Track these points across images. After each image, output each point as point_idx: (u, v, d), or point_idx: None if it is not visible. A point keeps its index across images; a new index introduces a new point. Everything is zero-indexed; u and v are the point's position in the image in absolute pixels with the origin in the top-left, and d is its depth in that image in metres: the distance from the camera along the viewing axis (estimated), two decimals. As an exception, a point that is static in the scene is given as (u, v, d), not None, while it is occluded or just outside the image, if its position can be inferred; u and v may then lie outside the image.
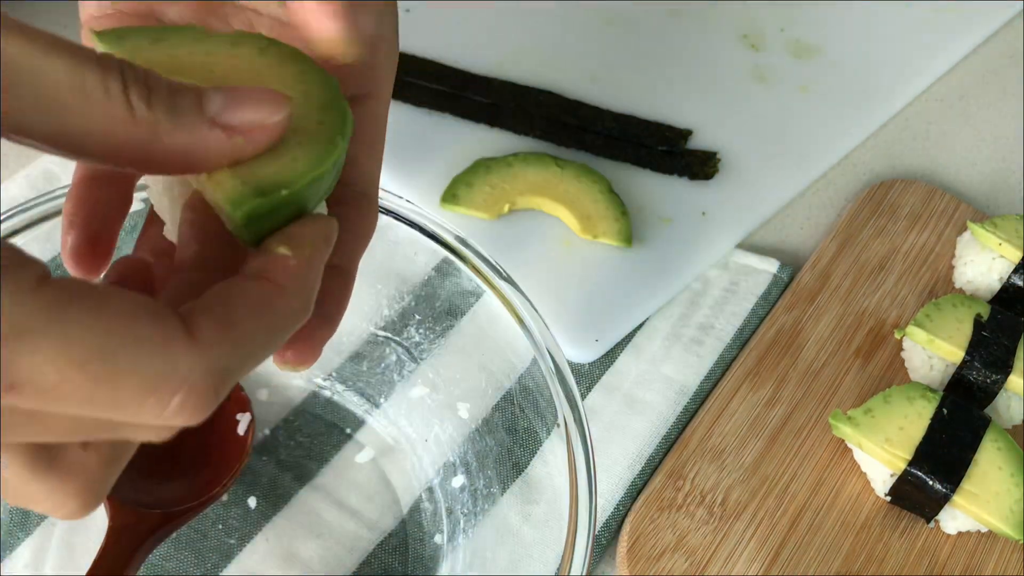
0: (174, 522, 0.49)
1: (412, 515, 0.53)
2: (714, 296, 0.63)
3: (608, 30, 0.75)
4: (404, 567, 0.52)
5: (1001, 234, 0.62)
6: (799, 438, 0.57)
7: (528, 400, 0.49)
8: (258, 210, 0.28)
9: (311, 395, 0.57)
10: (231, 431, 0.53)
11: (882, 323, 0.62)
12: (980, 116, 0.75)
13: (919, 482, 0.53)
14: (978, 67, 0.78)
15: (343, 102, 0.31)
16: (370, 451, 0.55)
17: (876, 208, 0.67)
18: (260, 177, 0.28)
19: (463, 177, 0.64)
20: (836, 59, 0.75)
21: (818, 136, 0.71)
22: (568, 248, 0.63)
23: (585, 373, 0.59)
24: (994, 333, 0.57)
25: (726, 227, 0.66)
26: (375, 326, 0.56)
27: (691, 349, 0.61)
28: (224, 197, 0.28)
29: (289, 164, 0.28)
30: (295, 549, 0.52)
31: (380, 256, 0.54)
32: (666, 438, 0.57)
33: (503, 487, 0.52)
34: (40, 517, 0.51)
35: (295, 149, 0.29)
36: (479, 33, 0.73)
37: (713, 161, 0.67)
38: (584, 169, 0.64)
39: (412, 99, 0.68)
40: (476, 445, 0.53)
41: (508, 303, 0.47)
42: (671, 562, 0.52)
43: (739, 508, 0.54)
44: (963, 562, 0.54)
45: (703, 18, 0.77)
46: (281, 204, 0.28)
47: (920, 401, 0.55)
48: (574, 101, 0.69)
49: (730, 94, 0.72)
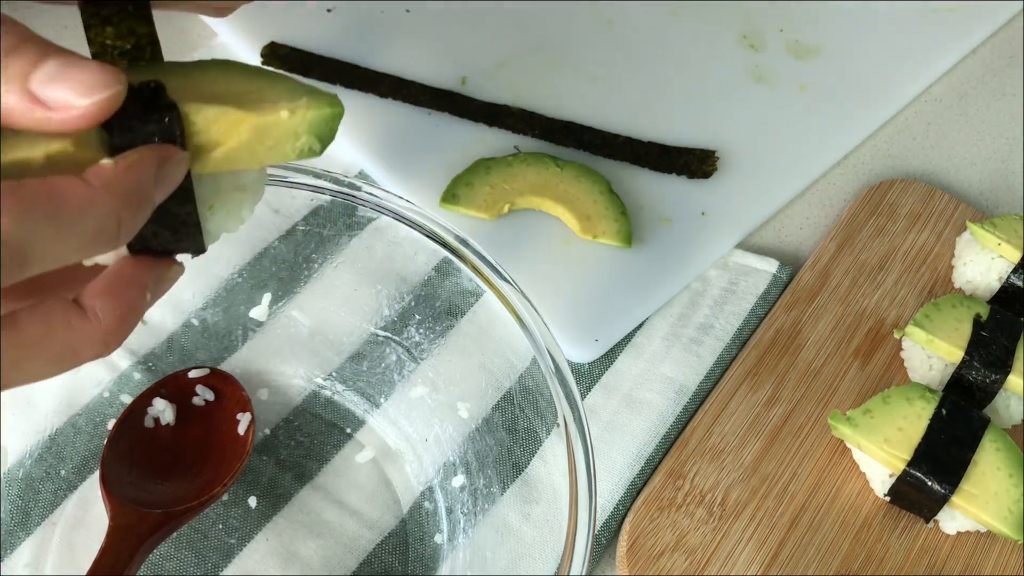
0: (174, 522, 0.49)
1: (412, 515, 0.53)
2: (713, 296, 0.63)
3: (608, 30, 0.75)
4: (404, 567, 0.52)
5: (1000, 234, 0.62)
6: (799, 438, 0.57)
7: (528, 400, 0.49)
8: None
9: (311, 395, 0.57)
10: (231, 431, 0.53)
11: (881, 323, 0.62)
12: (980, 116, 0.76)
13: (918, 482, 0.53)
14: (978, 67, 0.78)
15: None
16: (370, 451, 0.55)
17: (875, 208, 0.67)
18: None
19: (463, 177, 0.64)
20: (835, 59, 0.75)
21: (817, 136, 0.71)
22: (568, 248, 0.63)
23: (585, 373, 0.59)
24: (993, 333, 0.58)
25: (725, 227, 0.66)
26: (375, 326, 0.56)
27: (691, 349, 0.61)
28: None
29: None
30: (295, 549, 0.52)
31: (380, 256, 0.54)
32: (666, 438, 0.57)
33: (503, 487, 0.52)
34: (41, 517, 0.51)
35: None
36: (479, 33, 0.73)
37: (711, 160, 0.67)
38: (584, 169, 0.64)
39: (412, 99, 0.68)
40: (476, 445, 0.53)
41: (508, 303, 0.47)
42: (671, 561, 0.52)
43: (739, 508, 0.55)
44: (962, 562, 0.54)
45: (703, 18, 0.77)
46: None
47: (919, 402, 0.55)
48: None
49: (729, 94, 0.73)
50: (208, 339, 0.57)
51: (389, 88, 0.68)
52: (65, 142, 0.30)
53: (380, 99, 0.68)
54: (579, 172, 0.64)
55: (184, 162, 0.32)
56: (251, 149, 0.33)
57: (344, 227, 0.55)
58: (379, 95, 0.68)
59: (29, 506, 0.52)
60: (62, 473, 0.53)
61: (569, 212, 0.63)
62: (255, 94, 0.34)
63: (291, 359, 0.57)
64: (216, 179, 0.35)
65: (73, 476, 0.53)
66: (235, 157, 0.33)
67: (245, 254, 0.57)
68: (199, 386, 0.54)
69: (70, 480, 0.53)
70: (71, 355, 0.31)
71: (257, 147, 0.33)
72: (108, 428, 0.53)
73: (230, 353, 0.57)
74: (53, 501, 0.52)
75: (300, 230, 0.56)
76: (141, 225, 0.31)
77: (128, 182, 0.30)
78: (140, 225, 0.31)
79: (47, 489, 0.52)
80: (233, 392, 0.54)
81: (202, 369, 0.55)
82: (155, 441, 0.52)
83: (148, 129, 0.31)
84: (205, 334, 0.57)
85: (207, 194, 0.35)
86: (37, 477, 0.52)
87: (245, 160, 0.34)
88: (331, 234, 0.56)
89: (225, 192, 0.35)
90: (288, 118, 0.33)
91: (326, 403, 0.57)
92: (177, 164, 0.32)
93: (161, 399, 0.53)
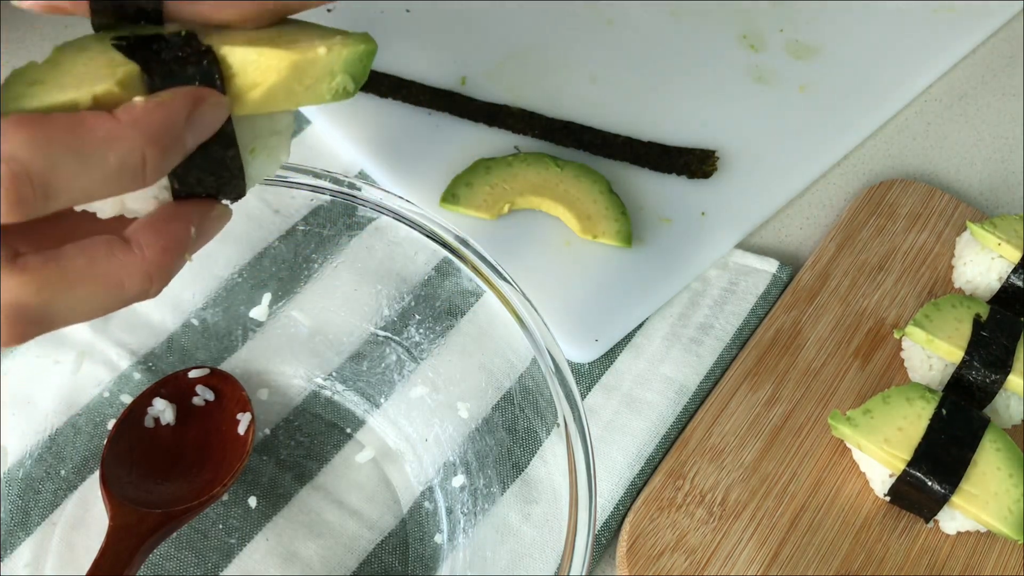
0: (174, 522, 0.49)
1: (412, 515, 0.53)
2: (713, 296, 0.63)
3: (608, 30, 0.75)
4: (404, 567, 0.52)
5: (1000, 234, 0.62)
6: (798, 438, 0.57)
7: (528, 400, 0.49)
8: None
9: (311, 395, 0.57)
10: (231, 431, 0.53)
11: (881, 323, 0.62)
12: (980, 116, 0.76)
13: (918, 482, 0.53)
14: (978, 67, 0.78)
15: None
16: (370, 451, 0.55)
17: (875, 208, 0.67)
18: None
19: (463, 177, 0.64)
20: (835, 59, 0.75)
21: (817, 136, 0.71)
22: (568, 248, 0.63)
23: (585, 373, 0.59)
24: (993, 333, 0.58)
25: (725, 227, 0.66)
26: (375, 326, 0.56)
27: (690, 349, 0.61)
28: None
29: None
30: (295, 549, 0.52)
31: (380, 256, 0.54)
32: (666, 438, 0.57)
33: (503, 487, 0.52)
34: (41, 517, 0.52)
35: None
36: (479, 33, 0.73)
37: (711, 160, 0.67)
38: (584, 169, 0.64)
39: (412, 99, 0.68)
40: (476, 445, 0.53)
41: (508, 303, 0.47)
42: (671, 561, 0.52)
43: (739, 508, 0.55)
44: (962, 562, 0.54)
45: (703, 18, 0.77)
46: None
47: (919, 402, 0.55)
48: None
49: (730, 94, 0.73)
50: (208, 339, 0.57)
51: (389, 88, 0.68)
52: (111, 83, 0.31)
53: (380, 99, 0.68)
54: (579, 172, 0.64)
55: (222, 105, 0.33)
56: (289, 89, 0.34)
57: (344, 227, 0.55)
58: (379, 95, 0.68)
59: (29, 506, 0.52)
60: (62, 473, 0.53)
61: (569, 212, 0.63)
62: (287, 36, 0.34)
63: (291, 359, 0.57)
64: (254, 122, 0.35)
65: (73, 476, 0.53)
66: (273, 98, 0.34)
67: (245, 254, 0.57)
68: (199, 386, 0.54)
69: (70, 480, 0.53)
70: (116, 288, 0.31)
71: (295, 86, 0.34)
72: (108, 428, 0.53)
73: (230, 353, 0.57)
74: (53, 501, 0.52)
75: (300, 230, 0.56)
76: (171, 166, 0.32)
77: (156, 120, 0.30)
78: (170, 166, 0.32)
79: (47, 489, 0.52)
80: (233, 392, 0.54)
81: (202, 369, 0.55)
82: (155, 441, 0.52)
83: (188, 72, 0.32)
84: (205, 334, 0.57)
85: (247, 137, 0.35)
86: (37, 477, 0.52)
87: (283, 101, 0.34)
88: (331, 234, 0.56)
89: (263, 136, 0.36)
90: (325, 54, 0.34)
91: (326, 403, 0.57)
92: (213, 107, 0.32)
93: (161, 399, 0.53)
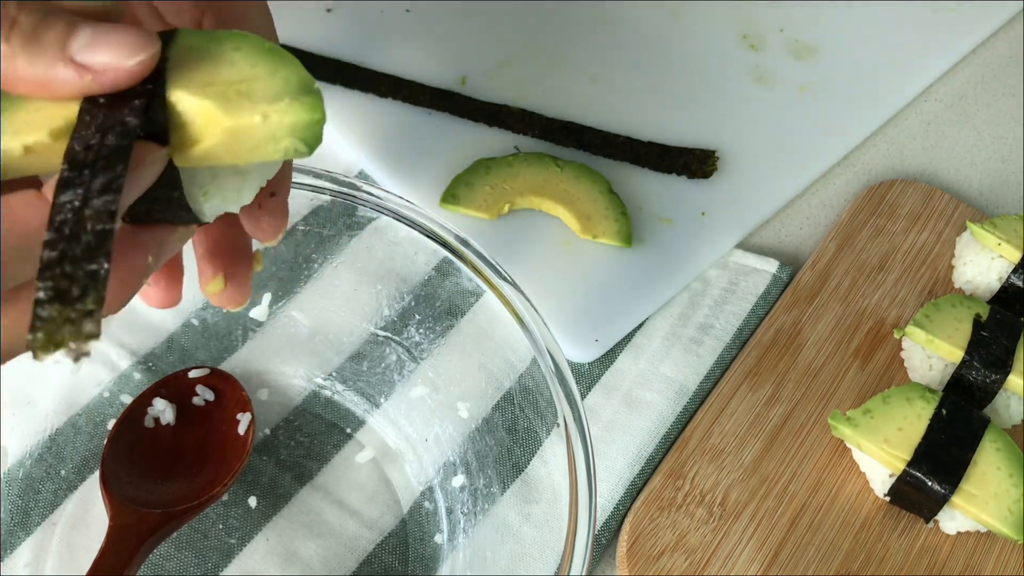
0: (174, 522, 0.49)
1: (412, 515, 0.53)
2: (713, 296, 0.63)
3: (608, 30, 0.75)
4: (404, 567, 0.52)
5: (1000, 234, 0.62)
6: (799, 438, 0.57)
7: (528, 400, 0.49)
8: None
9: (311, 395, 0.57)
10: (231, 431, 0.53)
11: (881, 323, 0.62)
12: (980, 116, 0.76)
13: (918, 482, 0.53)
14: (978, 67, 0.78)
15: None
16: (370, 451, 0.55)
17: (876, 208, 0.68)
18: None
19: (463, 177, 0.64)
20: (836, 59, 0.75)
21: (817, 136, 0.71)
22: (568, 248, 0.63)
23: (585, 373, 0.59)
24: (993, 333, 0.58)
25: (726, 227, 0.66)
26: (375, 326, 0.56)
27: (690, 349, 0.61)
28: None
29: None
30: (295, 549, 0.52)
31: (380, 256, 0.54)
32: (666, 438, 0.57)
33: (503, 487, 0.52)
34: (41, 517, 0.51)
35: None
36: (479, 33, 0.73)
37: (711, 160, 0.67)
38: (584, 169, 0.64)
39: (412, 99, 0.68)
40: (476, 445, 0.53)
41: (508, 303, 0.47)
42: (671, 561, 0.52)
43: (739, 508, 0.55)
44: (962, 562, 0.54)
45: (703, 18, 0.77)
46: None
47: (919, 402, 0.55)
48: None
49: (730, 94, 0.73)
50: (208, 339, 0.57)
51: (389, 88, 0.68)
52: (42, 133, 0.30)
53: (380, 99, 0.68)
54: (579, 172, 0.64)
55: (157, 162, 0.31)
56: (230, 148, 0.31)
57: (344, 227, 0.55)
58: (379, 95, 0.68)
59: (29, 506, 0.52)
60: (62, 473, 0.53)
61: (569, 212, 0.63)
62: (247, 85, 0.31)
63: (291, 359, 0.57)
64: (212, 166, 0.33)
65: (73, 476, 0.53)
66: (215, 155, 0.32)
67: (245, 254, 0.57)
68: (199, 386, 0.54)
69: (70, 480, 0.53)
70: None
71: (236, 147, 0.31)
72: (108, 428, 0.53)
73: (230, 353, 0.57)
74: (53, 501, 0.52)
75: (300, 230, 0.56)
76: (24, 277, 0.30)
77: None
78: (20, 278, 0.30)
79: (47, 489, 0.52)
80: (233, 392, 0.54)
81: (202, 369, 0.55)
82: (155, 441, 0.52)
83: (128, 122, 0.30)
84: (205, 334, 0.57)
85: (203, 178, 0.33)
86: (37, 477, 0.52)
87: (227, 157, 0.32)
88: (331, 234, 0.56)
89: (223, 177, 0.34)
90: (261, 123, 0.31)
91: (326, 403, 0.57)
92: (150, 165, 0.31)
93: (161, 399, 0.53)
